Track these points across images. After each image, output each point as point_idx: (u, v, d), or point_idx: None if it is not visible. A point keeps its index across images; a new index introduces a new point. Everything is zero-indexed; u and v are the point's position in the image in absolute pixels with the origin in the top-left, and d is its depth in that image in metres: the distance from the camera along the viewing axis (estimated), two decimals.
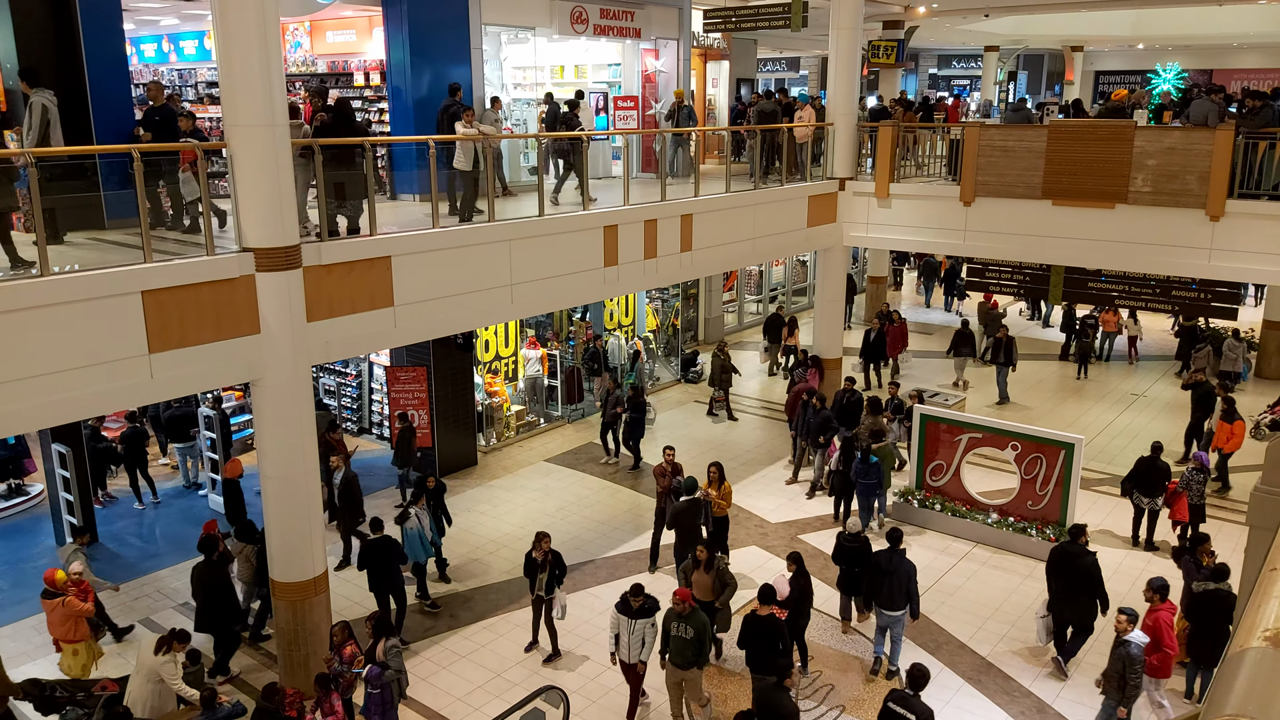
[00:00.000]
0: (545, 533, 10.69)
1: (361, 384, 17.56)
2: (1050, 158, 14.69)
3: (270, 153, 8.75)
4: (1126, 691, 8.77)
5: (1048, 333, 24.06)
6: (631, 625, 9.33)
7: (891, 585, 10.13)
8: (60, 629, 9.72)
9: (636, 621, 9.32)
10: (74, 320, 7.74)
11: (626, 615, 9.34)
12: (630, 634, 9.35)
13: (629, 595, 9.35)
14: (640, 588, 9.40)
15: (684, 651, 9.14)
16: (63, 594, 9.61)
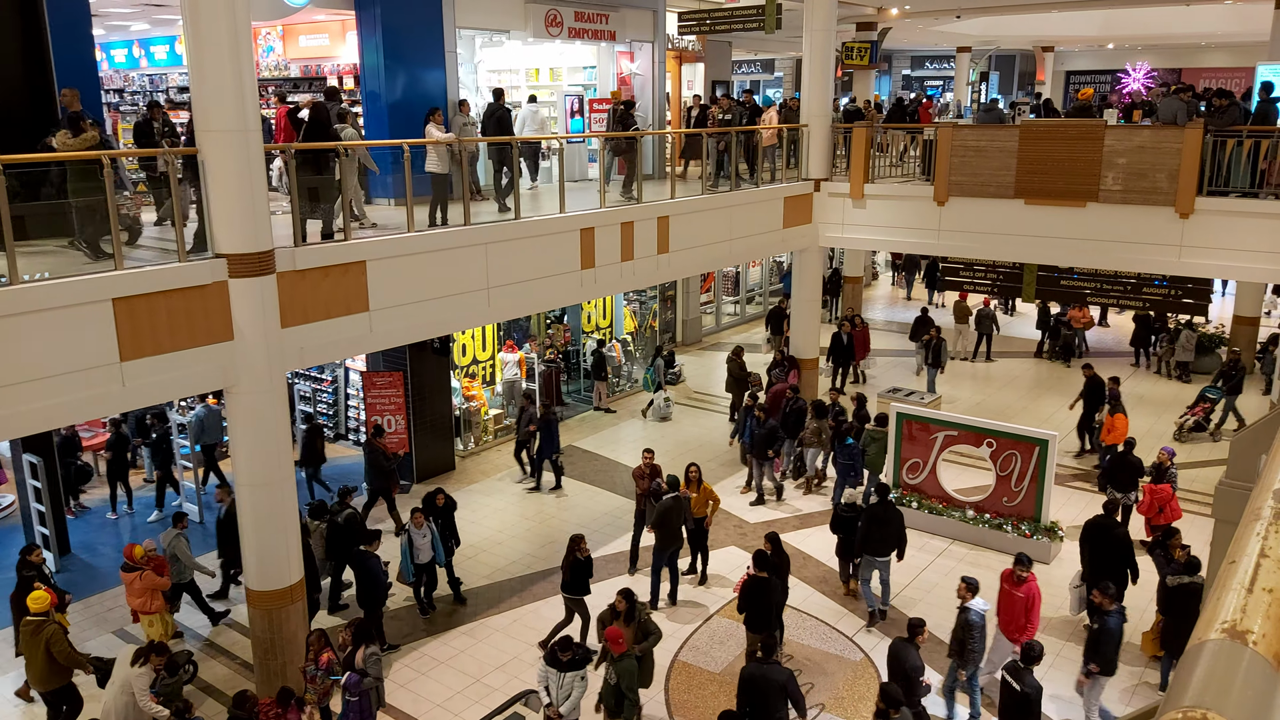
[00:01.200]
0: (581, 535, 10.93)
1: (338, 390, 17.46)
2: (1022, 157, 14.84)
3: (243, 158, 8.69)
4: (966, 655, 9.38)
5: (1025, 330, 24.27)
6: (560, 678, 8.90)
7: (885, 533, 11.20)
8: (138, 600, 10.42)
9: (565, 675, 8.89)
10: (43, 329, 7.65)
11: (555, 668, 8.91)
12: (559, 688, 8.89)
13: (558, 649, 8.87)
14: (569, 641, 8.96)
15: (608, 699, 9.03)
16: (141, 568, 10.30)
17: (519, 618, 11.67)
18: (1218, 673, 1.57)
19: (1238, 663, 1.58)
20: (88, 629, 11.49)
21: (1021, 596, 9.67)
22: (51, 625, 9.04)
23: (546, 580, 12.54)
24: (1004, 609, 9.89)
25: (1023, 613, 9.68)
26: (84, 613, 11.83)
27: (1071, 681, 10.18)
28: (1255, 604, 1.73)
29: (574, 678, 8.92)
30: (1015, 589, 9.75)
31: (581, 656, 8.99)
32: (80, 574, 12.81)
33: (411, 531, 11.19)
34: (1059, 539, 12.99)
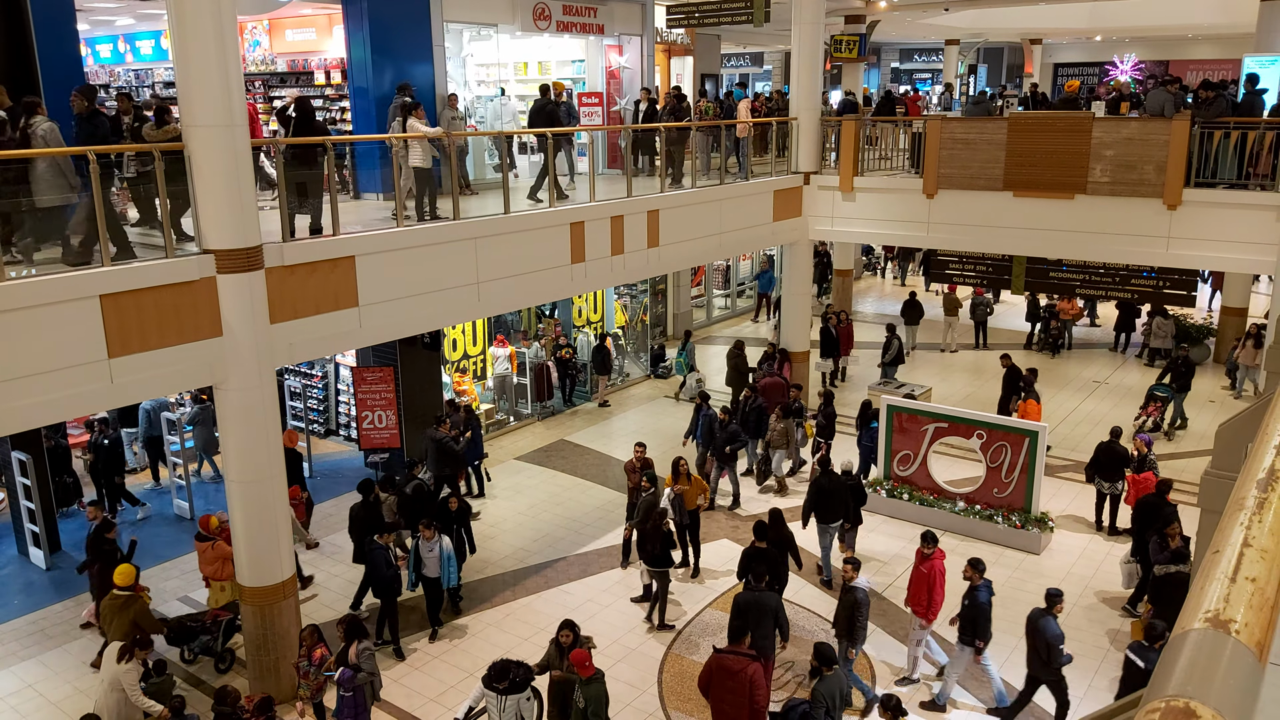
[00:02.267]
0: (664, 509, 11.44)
1: (328, 385, 17.41)
2: (1011, 150, 14.87)
3: (229, 153, 8.65)
4: (854, 634, 9.58)
5: (1014, 321, 24.35)
6: (501, 702, 8.23)
7: (831, 502, 12.03)
8: (209, 568, 10.95)
9: (507, 698, 8.22)
10: (30, 325, 7.61)
11: (495, 692, 8.25)
12: (501, 713, 8.25)
13: (494, 674, 8.23)
14: (506, 670, 8.23)
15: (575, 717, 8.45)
16: (214, 538, 10.81)
17: (512, 612, 11.68)
18: (1201, 662, 1.58)
19: (1221, 652, 1.60)
20: (79, 626, 11.45)
21: (925, 572, 9.90)
22: (138, 599, 9.69)
23: (539, 574, 12.56)
24: (911, 584, 10.13)
25: (925, 589, 9.90)
26: (75, 610, 11.80)
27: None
28: (1238, 593, 1.75)
29: (518, 700, 8.26)
30: (920, 565, 10.01)
31: (522, 679, 8.32)
32: (70, 571, 12.75)
33: (420, 544, 10.85)
34: (1049, 530, 13.05)
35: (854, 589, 9.54)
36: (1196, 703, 1.45)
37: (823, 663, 8.32)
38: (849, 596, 9.56)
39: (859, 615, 9.53)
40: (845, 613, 9.61)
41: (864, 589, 9.62)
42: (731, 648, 8.57)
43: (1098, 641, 10.97)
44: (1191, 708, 1.44)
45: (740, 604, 9.38)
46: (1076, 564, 12.67)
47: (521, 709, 8.30)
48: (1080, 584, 12.17)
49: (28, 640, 11.17)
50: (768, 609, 9.32)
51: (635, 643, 11.01)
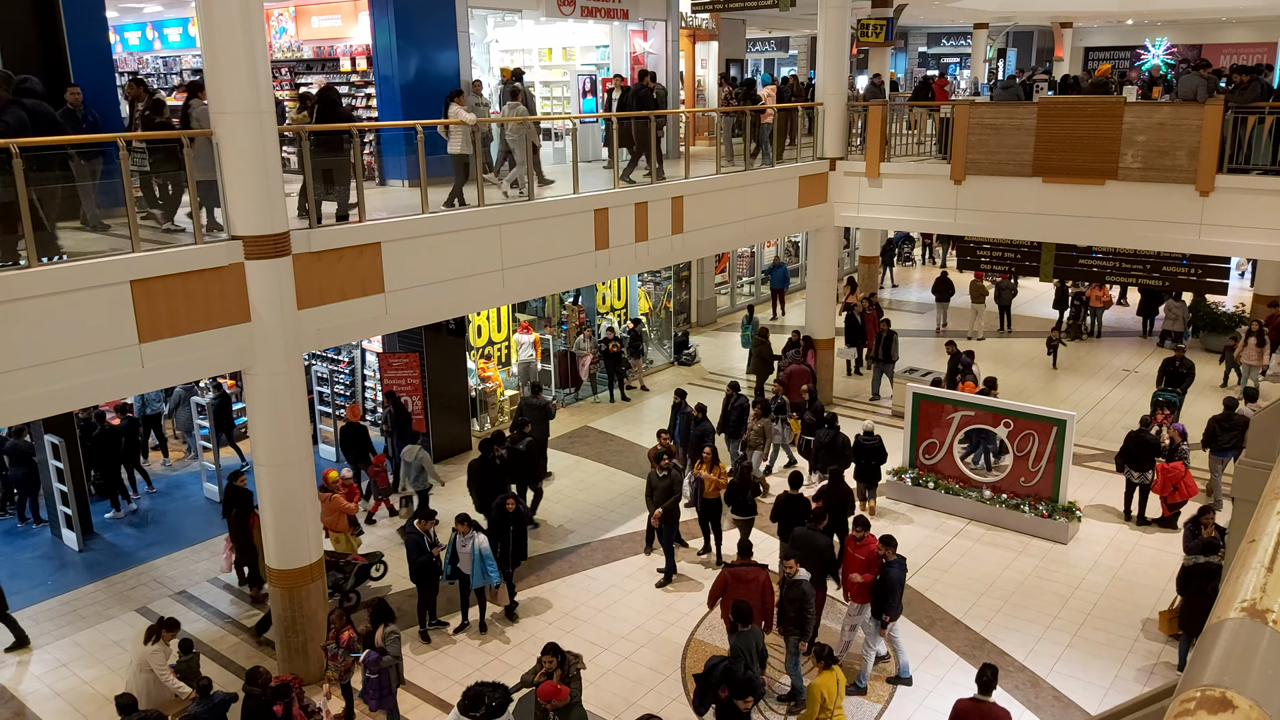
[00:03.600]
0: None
1: (354, 371, 17.52)
2: (1040, 135, 14.68)
3: (257, 139, 8.70)
4: (805, 626, 9.58)
5: (1042, 309, 24.12)
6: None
7: (831, 455, 12.92)
8: (327, 519, 11.52)
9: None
10: (63, 311, 7.71)
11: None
12: None
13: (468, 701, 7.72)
14: (480, 697, 7.73)
15: None
16: (333, 491, 11.70)
17: (536, 596, 11.74)
18: (1237, 651, 1.56)
19: (1258, 641, 1.58)
20: (111, 607, 11.65)
21: (862, 559, 9.89)
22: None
23: (563, 560, 12.62)
24: (846, 570, 10.05)
25: (864, 571, 9.88)
26: (106, 591, 11.99)
27: (1083, 660, 10.20)
28: (1275, 583, 1.72)
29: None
30: (856, 550, 9.98)
31: (499, 703, 7.86)
32: (103, 553, 12.97)
33: (456, 539, 10.78)
34: (1077, 519, 12.94)
35: (800, 582, 9.46)
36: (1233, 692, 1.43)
37: (739, 619, 8.70)
38: (795, 590, 9.42)
39: (807, 607, 9.46)
40: (793, 606, 9.46)
41: (808, 580, 9.58)
42: (742, 560, 9.72)
43: (1125, 632, 10.88)
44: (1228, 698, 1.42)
45: (796, 537, 10.45)
46: (1104, 554, 12.57)
47: None
48: (1108, 574, 12.07)
49: (61, 620, 11.36)
50: (817, 547, 10.26)
51: (659, 629, 11.04)
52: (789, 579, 9.52)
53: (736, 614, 8.79)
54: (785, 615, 9.59)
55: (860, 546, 10.00)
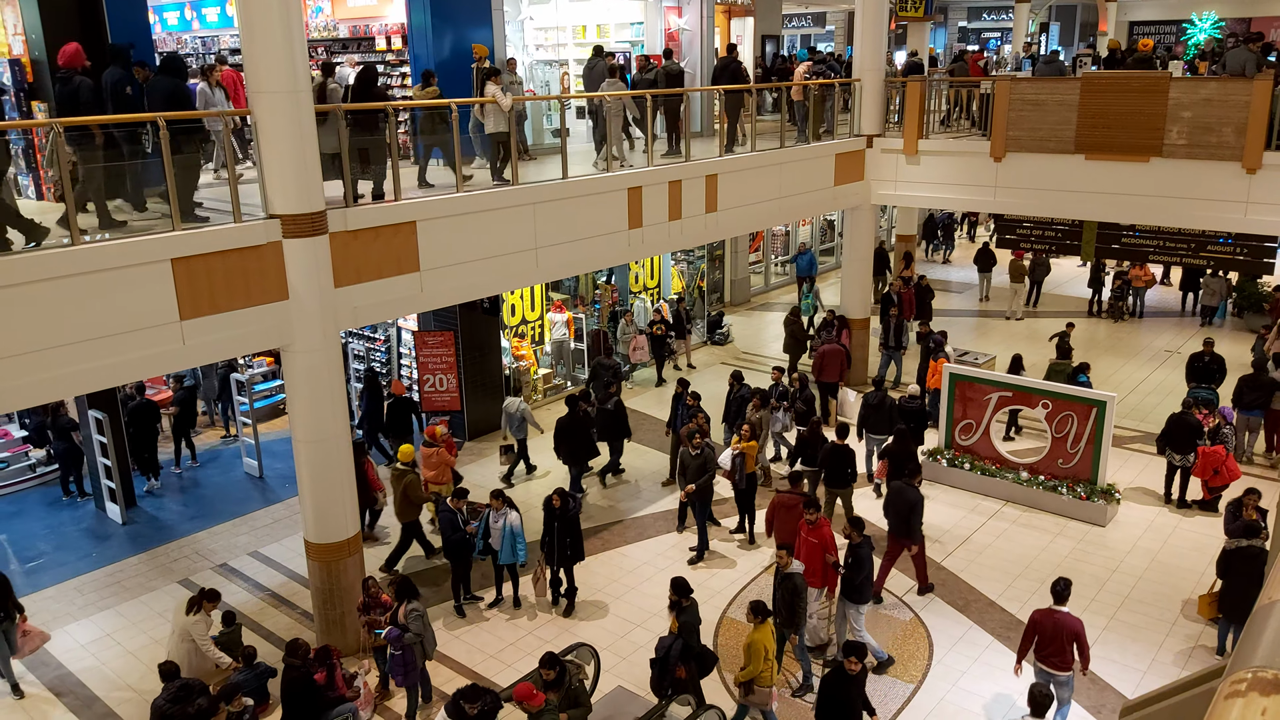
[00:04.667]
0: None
1: (390, 349, 17.69)
2: (1083, 111, 14.39)
3: (294, 118, 8.76)
4: (795, 620, 9.36)
5: (1077, 288, 23.76)
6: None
7: (879, 416, 13.36)
8: (431, 473, 12.41)
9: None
10: (106, 288, 7.84)
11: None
12: None
13: (463, 700, 7.63)
14: (477, 692, 7.68)
15: None
16: (438, 445, 12.36)
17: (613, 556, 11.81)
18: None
19: None
20: (153, 578, 11.90)
21: (815, 543, 9.78)
22: (410, 474, 11.57)
23: (596, 537, 12.68)
24: (804, 557, 9.80)
25: (821, 557, 9.80)
26: (149, 563, 12.25)
27: (1119, 643, 10.12)
28: None
29: None
30: (810, 535, 9.85)
31: (490, 707, 7.72)
32: (145, 526, 13.24)
33: (490, 514, 10.90)
34: (1116, 502, 12.78)
35: (793, 575, 9.25)
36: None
37: (680, 594, 8.75)
38: (789, 582, 9.23)
39: (799, 601, 9.27)
40: (785, 599, 9.30)
41: (800, 574, 9.31)
42: (790, 489, 10.79)
43: (1163, 615, 10.75)
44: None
45: (890, 491, 11.07)
46: (1143, 537, 12.41)
47: None
48: (1147, 557, 11.92)
49: (105, 591, 11.62)
50: (909, 500, 10.71)
51: None
52: (781, 571, 9.34)
53: (676, 589, 8.81)
54: (776, 608, 9.37)
55: (813, 530, 9.87)
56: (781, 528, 10.73)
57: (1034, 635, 8.57)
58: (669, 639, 8.69)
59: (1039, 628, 8.53)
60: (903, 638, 10.48)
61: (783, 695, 9.49)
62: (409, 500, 11.57)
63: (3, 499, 14.11)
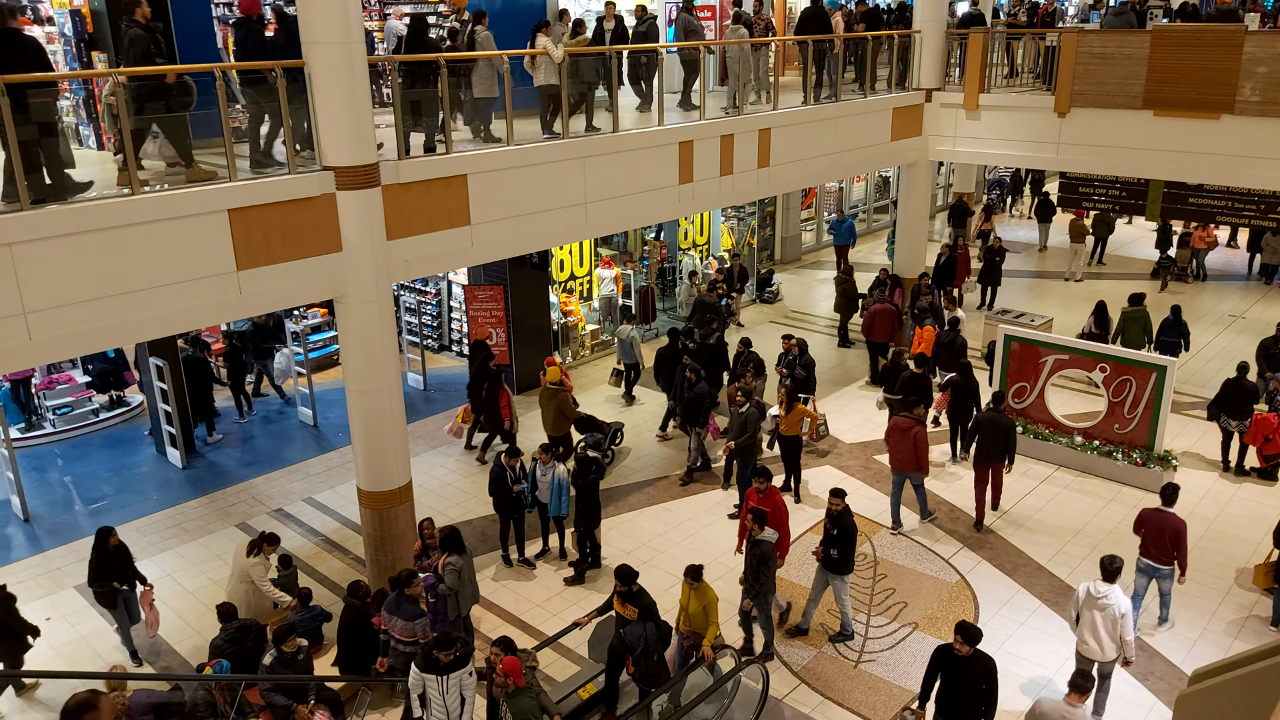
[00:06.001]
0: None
1: (441, 302, 17.85)
2: (1153, 65, 13.87)
3: (347, 70, 8.77)
4: (760, 586, 9.18)
5: (1143, 250, 23.10)
6: (443, 684, 7.53)
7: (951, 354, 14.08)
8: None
9: (449, 677, 7.54)
10: (165, 238, 7.97)
11: (434, 673, 7.55)
12: (445, 694, 7.53)
13: (436, 650, 7.52)
14: (450, 640, 7.57)
15: None
16: (561, 385, 12.86)
17: (615, 526, 11.94)
18: None
19: None
20: (212, 522, 12.26)
21: (769, 512, 9.56)
22: (563, 392, 12.65)
23: (641, 491, 12.77)
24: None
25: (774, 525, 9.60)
26: (209, 507, 12.61)
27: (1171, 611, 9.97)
28: None
29: (460, 675, 7.58)
30: (761, 504, 9.66)
31: (463, 653, 7.63)
32: (204, 471, 13.62)
33: (537, 466, 11.03)
34: (1172, 468, 12.51)
35: (761, 542, 9.11)
36: None
37: (623, 582, 8.37)
38: (757, 549, 9.10)
39: (766, 569, 9.10)
40: (752, 566, 9.15)
41: (770, 541, 9.18)
42: (904, 413, 11.47)
43: (1216, 584, 10.56)
44: None
45: (980, 421, 11.77)
46: (1200, 504, 12.16)
47: (464, 685, 7.65)
48: (1203, 524, 11.69)
49: (166, 534, 12.01)
50: (1002, 428, 11.50)
51: (735, 562, 11.10)
52: (753, 538, 9.19)
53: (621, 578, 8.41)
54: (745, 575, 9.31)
55: (765, 499, 9.71)
56: (896, 451, 11.50)
57: (1141, 531, 9.53)
58: (638, 628, 8.24)
59: (1147, 524, 9.46)
60: (948, 600, 10.44)
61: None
62: (564, 415, 12.67)
63: (68, 442, 14.60)
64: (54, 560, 11.46)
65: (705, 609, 8.49)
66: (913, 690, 9.05)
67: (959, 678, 7.60)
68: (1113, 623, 8.25)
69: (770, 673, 8.84)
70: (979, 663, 7.57)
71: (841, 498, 9.56)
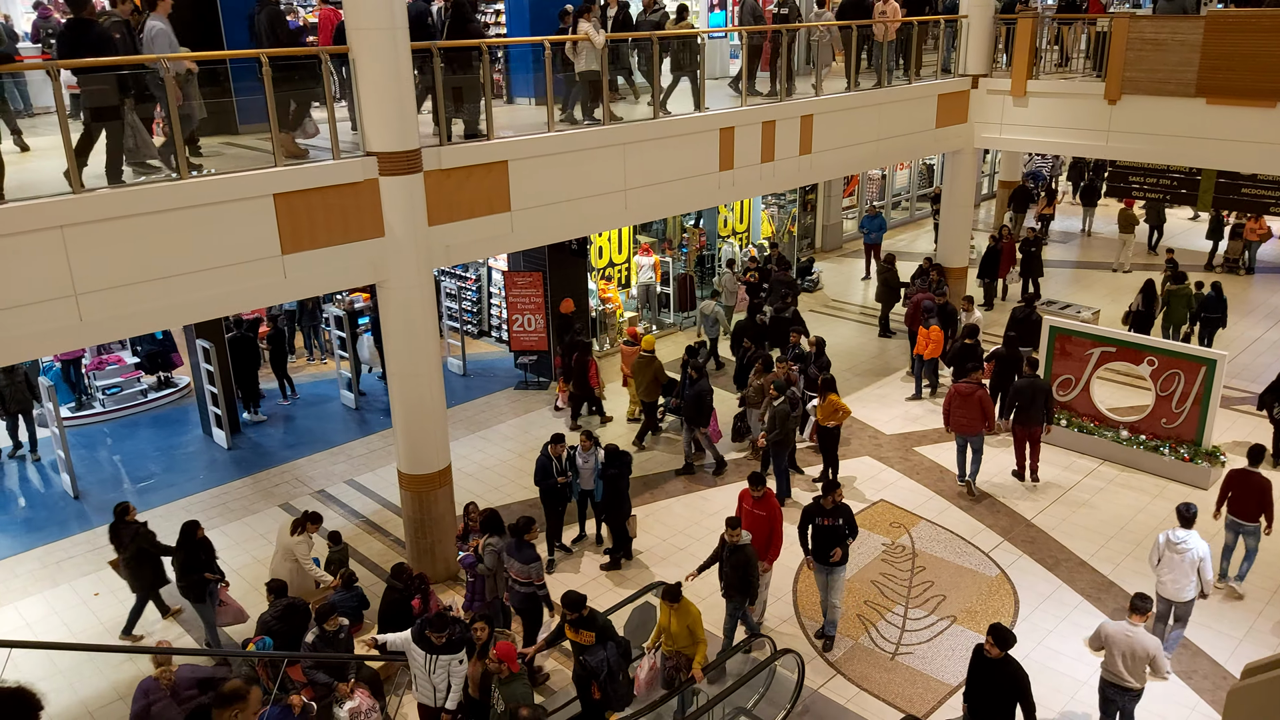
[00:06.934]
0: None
1: (481, 288, 17.95)
2: (1206, 51, 13.53)
3: (391, 56, 8.82)
4: (752, 590, 8.99)
5: (1194, 241, 22.59)
6: (431, 663, 7.49)
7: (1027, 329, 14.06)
8: (630, 368, 14.00)
9: (439, 658, 7.49)
10: (212, 222, 8.10)
11: (424, 649, 7.52)
12: (431, 672, 7.49)
13: (429, 630, 7.45)
14: (444, 622, 7.52)
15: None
16: (637, 344, 13.79)
17: (651, 513, 11.95)
18: None
19: None
20: (257, 501, 12.47)
21: (763, 515, 9.36)
22: (657, 360, 13.37)
23: (677, 480, 12.78)
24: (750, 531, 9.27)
25: (766, 532, 9.37)
26: (253, 487, 12.82)
27: (1216, 609, 9.77)
28: None
29: (450, 661, 7.47)
30: (756, 509, 9.42)
31: (459, 637, 7.54)
32: (249, 452, 13.85)
33: (577, 453, 10.97)
34: (1220, 464, 12.25)
35: (743, 547, 8.83)
36: None
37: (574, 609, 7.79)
38: (740, 555, 8.81)
39: (752, 572, 8.88)
40: (736, 571, 8.89)
41: (750, 545, 8.90)
42: (963, 380, 12.01)
43: (1264, 583, 10.34)
44: None
45: (1019, 387, 12.11)
46: None
47: (452, 672, 7.50)
48: None
49: (211, 512, 12.22)
50: (1040, 390, 12.05)
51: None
52: (734, 545, 8.85)
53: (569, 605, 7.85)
54: (728, 580, 8.96)
55: (761, 504, 9.43)
56: (958, 417, 11.92)
57: (1229, 490, 9.99)
58: (598, 652, 7.69)
59: (1233, 484, 9.96)
60: (987, 593, 10.33)
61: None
62: (657, 381, 13.39)
63: (116, 422, 14.92)
64: (101, 537, 11.67)
65: (689, 628, 8.05)
66: (949, 684, 8.98)
67: (987, 680, 7.47)
68: (1191, 566, 8.72)
69: (805, 662, 8.81)
70: (1007, 669, 7.36)
71: (832, 491, 9.29)
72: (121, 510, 9.69)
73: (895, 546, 11.21)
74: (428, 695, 7.57)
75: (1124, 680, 7.74)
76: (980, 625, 9.75)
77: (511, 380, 16.02)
